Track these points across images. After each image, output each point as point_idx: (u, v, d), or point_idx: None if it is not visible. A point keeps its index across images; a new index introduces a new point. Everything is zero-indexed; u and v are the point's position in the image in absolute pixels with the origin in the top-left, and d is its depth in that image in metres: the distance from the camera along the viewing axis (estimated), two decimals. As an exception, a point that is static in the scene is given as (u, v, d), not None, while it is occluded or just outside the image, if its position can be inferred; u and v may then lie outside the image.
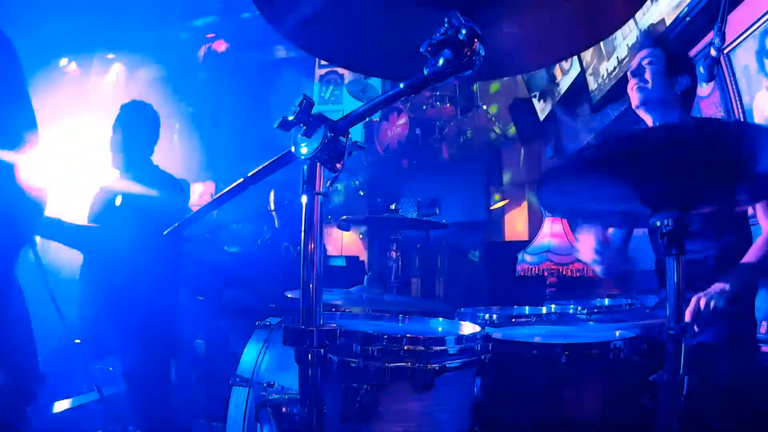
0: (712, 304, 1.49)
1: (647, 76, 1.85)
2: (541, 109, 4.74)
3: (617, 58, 3.20)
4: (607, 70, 3.37)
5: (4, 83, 1.58)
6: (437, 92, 5.84)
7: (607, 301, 2.50)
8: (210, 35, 7.55)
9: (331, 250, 6.61)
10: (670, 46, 1.95)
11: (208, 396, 2.92)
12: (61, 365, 2.88)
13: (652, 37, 1.99)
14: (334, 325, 0.96)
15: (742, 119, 2.31)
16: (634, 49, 2.12)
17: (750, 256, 1.64)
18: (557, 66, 4.25)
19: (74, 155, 2.75)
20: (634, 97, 1.90)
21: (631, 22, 2.84)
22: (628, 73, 1.93)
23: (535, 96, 4.86)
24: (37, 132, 1.68)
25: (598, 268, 1.98)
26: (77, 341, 2.76)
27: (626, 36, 3.04)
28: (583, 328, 1.86)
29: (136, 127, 2.69)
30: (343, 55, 1.14)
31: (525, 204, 5.37)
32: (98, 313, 2.80)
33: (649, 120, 1.90)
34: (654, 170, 1.07)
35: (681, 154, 1.02)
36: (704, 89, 2.59)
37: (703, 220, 1.74)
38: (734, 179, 1.12)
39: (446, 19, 0.82)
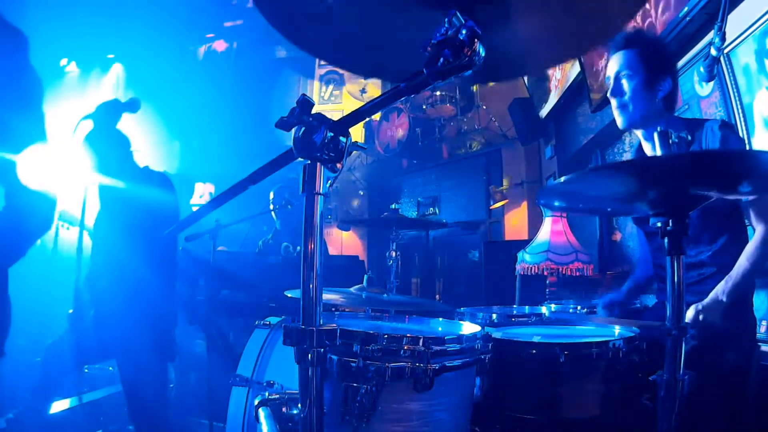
0: (701, 317, 1.56)
1: (627, 97, 1.75)
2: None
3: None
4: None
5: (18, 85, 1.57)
6: (437, 92, 5.84)
7: (606, 301, 2.50)
8: (210, 35, 7.55)
9: (331, 250, 6.61)
10: (646, 45, 1.79)
11: (208, 396, 2.92)
12: (59, 365, 2.88)
13: (626, 36, 1.79)
14: (334, 325, 0.96)
15: (742, 119, 2.31)
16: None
17: (743, 259, 1.62)
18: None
19: (73, 155, 2.76)
20: (618, 119, 1.81)
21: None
22: (608, 94, 1.82)
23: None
24: (45, 136, 1.69)
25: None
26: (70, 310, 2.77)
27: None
28: (583, 328, 1.86)
29: (100, 153, 2.69)
30: (342, 56, 1.14)
31: (525, 204, 5.38)
32: (95, 314, 2.80)
33: (638, 132, 1.85)
34: (655, 178, 1.08)
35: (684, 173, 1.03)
36: (704, 89, 2.59)
37: (696, 224, 1.70)
38: (736, 179, 1.12)
39: (446, 19, 0.82)
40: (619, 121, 1.82)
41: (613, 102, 1.81)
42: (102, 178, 2.67)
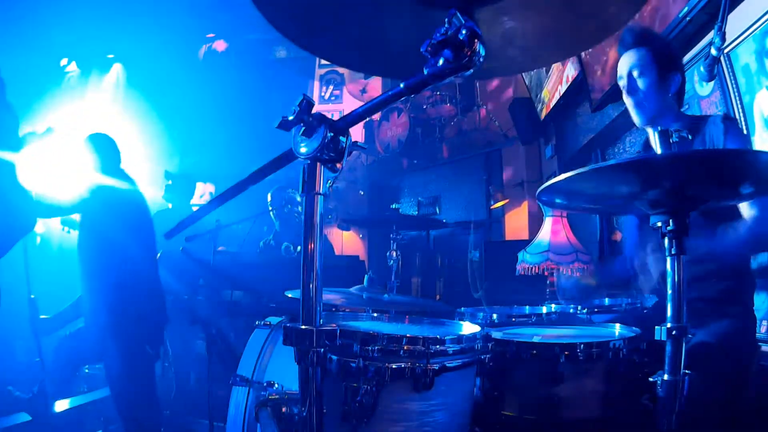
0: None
1: (642, 95, 1.78)
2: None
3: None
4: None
5: None
6: (437, 92, 5.84)
7: (607, 301, 2.50)
8: (210, 35, 7.55)
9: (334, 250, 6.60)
10: (655, 42, 1.82)
11: (208, 396, 2.92)
12: (60, 365, 2.89)
13: (635, 35, 1.82)
14: (334, 325, 0.96)
15: (742, 119, 2.31)
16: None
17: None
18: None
19: (72, 155, 2.79)
20: (635, 118, 1.82)
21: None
22: (623, 93, 1.84)
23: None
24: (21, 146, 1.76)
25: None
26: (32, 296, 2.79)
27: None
28: (583, 328, 1.86)
29: (97, 158, 2.76)
30: (342, 55, 1.14)
31: (525, 204, 5.37)
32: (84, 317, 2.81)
33: (650, 129, 1.86)
34: (656, 177, 1.08)
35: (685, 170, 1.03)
36: (704, 89, 2.59)
37: (696, 220, 1.70)
38: (737, 179, 1.12)
39: (446, 19, 0.82)
40: (637, 120, 1.83)
41: (629, 101, 1.82)
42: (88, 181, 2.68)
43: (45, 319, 2.87)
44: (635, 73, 1.79)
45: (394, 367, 1.16)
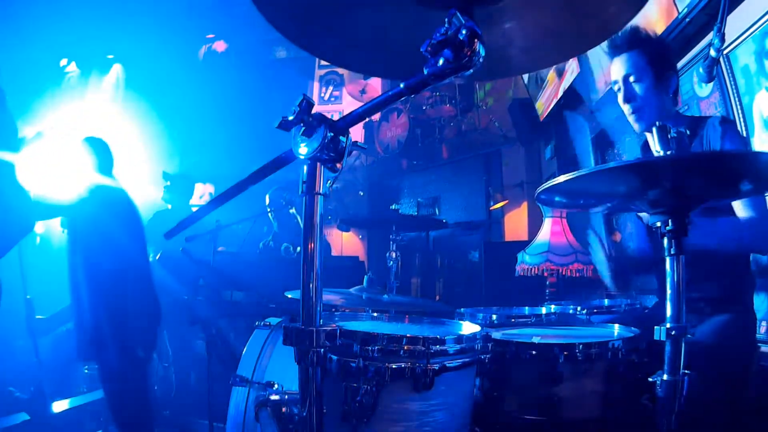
0: None
1: (640, 101, 1.73)
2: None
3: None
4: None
5: None
6: (437, 92, 5.84)
7: (606, 302, 2.50)
8: (210, 35, 7.55)
9: (331, 250, 6.60)
10: (647, 45, 1.75)
11: (209, 396, 2.92)
12: (59, 366, 2.89)
13: (626, 37, 1.74)
14: (334, 325, 0.96)
15: (741, 120, 2.31)
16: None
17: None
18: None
19: (68, 156, 2.80)
20: (635, 125, 1.79)
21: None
22: (620, 100, 1.79)
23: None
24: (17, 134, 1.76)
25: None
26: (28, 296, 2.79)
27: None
28: (582, 329, 1.86)
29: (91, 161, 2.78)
30: (342, 55, 1.14)
31: (525, 204, 5.37)
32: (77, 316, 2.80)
33: (650, 135, 1.85)
34: (655, 177, 1.08)
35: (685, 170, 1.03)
36: (704, 90, 2.59)
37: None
38: (736, 178, 1.12)
39: (446, 19, 0.82)
40: (636, 127, 1.80)
41: (627, 108, 1.78)
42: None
43: (41, 319, 2.86)
44: (631, 79, 1.74)
45: (394, 367, 1.16)
